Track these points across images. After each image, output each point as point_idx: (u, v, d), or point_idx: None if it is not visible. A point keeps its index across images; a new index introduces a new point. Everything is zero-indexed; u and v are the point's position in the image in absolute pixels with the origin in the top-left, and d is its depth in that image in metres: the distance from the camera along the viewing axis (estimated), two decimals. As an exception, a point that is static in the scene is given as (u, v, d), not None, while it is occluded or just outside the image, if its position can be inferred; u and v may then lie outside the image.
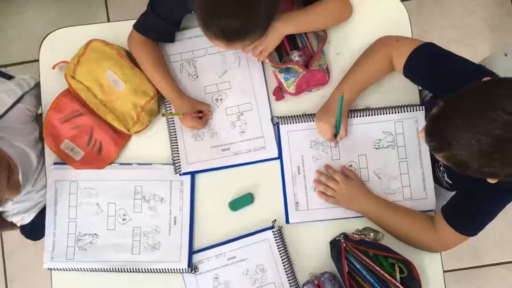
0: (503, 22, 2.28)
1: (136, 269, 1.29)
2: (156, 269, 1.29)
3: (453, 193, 1.25)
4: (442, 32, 2.26)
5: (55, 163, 1.33)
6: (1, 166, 1.03)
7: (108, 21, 2.27)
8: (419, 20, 2.26)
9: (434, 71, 1.17)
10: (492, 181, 0.97)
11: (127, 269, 1.29)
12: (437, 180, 1.31)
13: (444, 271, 1.25)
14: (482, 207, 1.14)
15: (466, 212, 1.17)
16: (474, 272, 2.20)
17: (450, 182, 1.27)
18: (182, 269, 1.28)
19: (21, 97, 1.29)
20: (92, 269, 1.29)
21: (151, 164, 1.33)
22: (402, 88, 1.33)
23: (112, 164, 1.33)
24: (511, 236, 2.20)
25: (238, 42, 1.09)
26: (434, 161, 1.30)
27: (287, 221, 1.31)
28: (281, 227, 1.30)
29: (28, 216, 1.47)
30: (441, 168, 1.29)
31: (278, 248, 1.28)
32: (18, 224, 1.50)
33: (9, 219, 1.48)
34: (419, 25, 2.25)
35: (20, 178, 1.20)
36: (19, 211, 1.45)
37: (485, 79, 0.94)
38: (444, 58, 1.17)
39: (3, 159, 1.05)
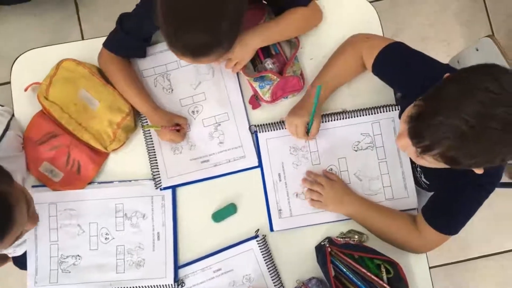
0: (476, 17, 2.32)
1: (121, 288, 1.27)
2: (142, 286, 1.27)
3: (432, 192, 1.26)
4: (417, 30, 2.28)
5: (33, 186, 1.31)
6: (20, 199, 1.00)
7: (83, 39, 2.25)
8: (393, 19, 2.28)
9: (402, 70, 1.18)
10: (478, 171, 0.98)
11: (112, 288, 1.27)
12: (415, 180, 1.32)
13: (432, 267, 1.24)
14: (461, 205, 1.15)
15: (445, 212, 1.17)
16: (462, 265, 2.22)
17: (428, 183, 1.28)
18: (169, 285, 1.27)
19: (8, 124, 1.26)
20: (78, 291, 1.28)
21: (130, 180, 1.31)
22: (377, 89, 1.33)
23: (91, 184, 1.31)
24: (496, 228, 2.22)
25: (204, 57, 1.09)
26: (411, 162, 1.31)
27: (271, 229, 1.30)
28: (265, 235, 1.30)
29: (20, 249, 1.44)
30: (418, 169, 1.29)
31: (264, 257, 1.27)
32: (10, 256, 1.47)
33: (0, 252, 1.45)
34: (394, 24, 2.27)
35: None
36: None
37: (447, 75, 0.95)
38: (412, 57, 1.18)
39: (19, 191, 1.02)
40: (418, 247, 1.24)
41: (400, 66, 1.19)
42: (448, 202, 1.17)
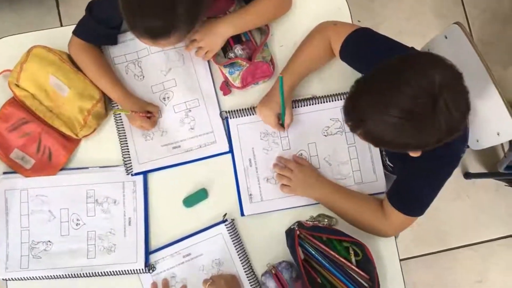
0: (452, 11, 2.35)
1: (92, 273, 1.27)
2: (113, 271, 1.28)
3: None
4: (393, 23, 2.31)
5: (4, 173, 1.32)
6: None
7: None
8: (370, 12, 2.31)
9: (368, 54, 1.20)
10: (414, 154, 1.01)
11: (83, 274, 1.27)
12: (382, 164, 1.34)
13: (411, 258, 1.26)
14: (422, 187, 1.17)
15: (409, 194, 1.19)
16: (443, 255, 2.25)
17: (392, 165, 1.30)
18: (140, 269, 1.27)
19: None
20: (48, 276, 1.28)
21: (102, 167, 1.32)
22: (347, 75, 1.34)
23: (63, 170, 1.32)
24: (474, 219, 2.25)
25: (163, 40, 1.10)
26: None
27: (242, 214, 1.31)
28: (234, 219, 1.31)
29: None
30: (384, 152, 1.31)
31: (233, 241, 1.28)
32: None
33: None
34: (371, 18, 2.30)
35: None
36: None
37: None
38: (378, 42, 1.20)
39: None
40: (385, 230, 1.25)
41: (366, 51, 1.22)
42: (410, 184, 1.19)
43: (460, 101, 0.91)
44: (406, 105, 0.89)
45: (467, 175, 2.25)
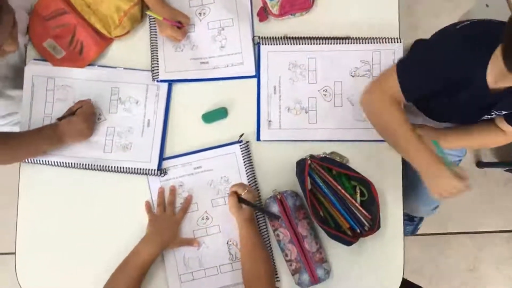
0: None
1: (106, 167, 1.30)
2: (126, 167, 1.30)
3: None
4: (434, 4, 2.29)
5: (34, 59, 1.35)
6: (9, 16, 1.01)
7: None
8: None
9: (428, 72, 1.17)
10: None
11: (97, 166, 1.30)
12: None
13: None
14: None
15: None
16: (439, 238, 2.25)
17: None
18: (152, 170, 1.30)
19: None
20: (63, 163, 1.30)
21: (129, 68, 1.34)
22: (383, 21, 1.36)
23: (91, 65, 1.34)
24: (478, 208, 2.25)
25: None
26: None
27: (258, 139, 1.33)
28: (248, 142, 1.33)
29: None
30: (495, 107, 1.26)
31: (244, 162, 1.30)
32: None
33: None
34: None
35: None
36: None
37: None
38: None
39: (11, 11, 1.03)
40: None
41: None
42: None
43: None
44: None
45: (479, 164, 2.25)
